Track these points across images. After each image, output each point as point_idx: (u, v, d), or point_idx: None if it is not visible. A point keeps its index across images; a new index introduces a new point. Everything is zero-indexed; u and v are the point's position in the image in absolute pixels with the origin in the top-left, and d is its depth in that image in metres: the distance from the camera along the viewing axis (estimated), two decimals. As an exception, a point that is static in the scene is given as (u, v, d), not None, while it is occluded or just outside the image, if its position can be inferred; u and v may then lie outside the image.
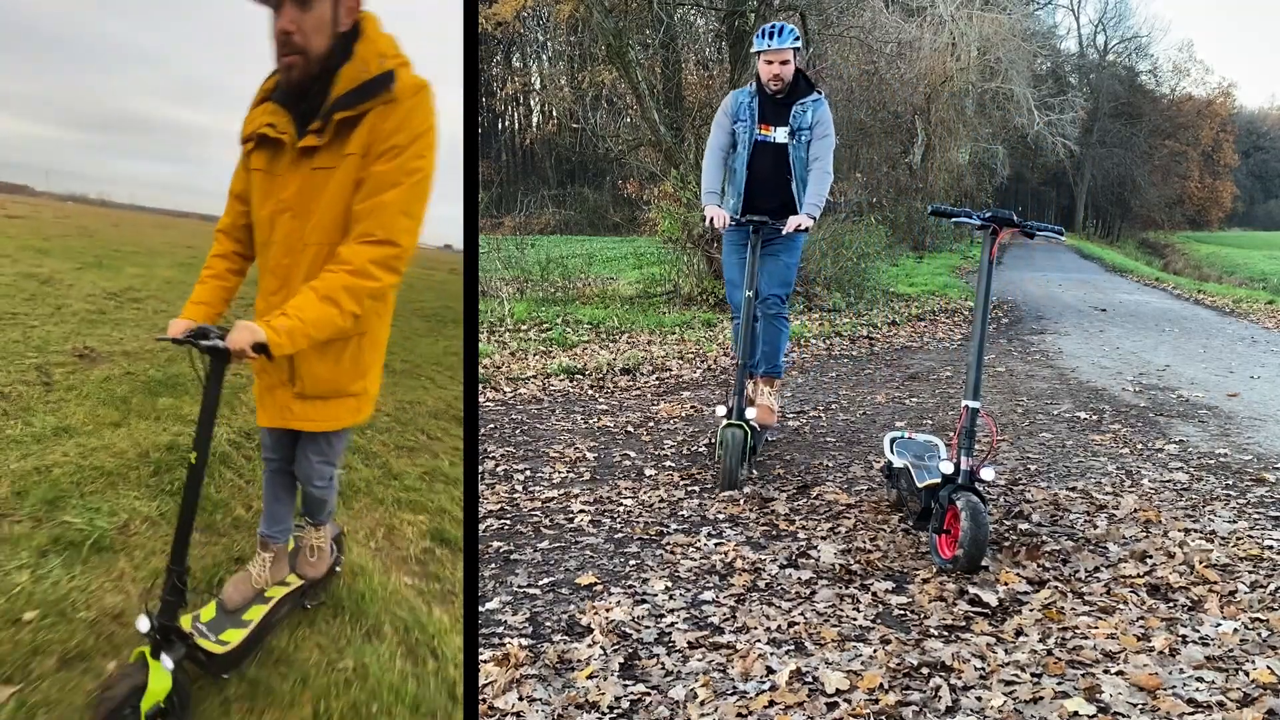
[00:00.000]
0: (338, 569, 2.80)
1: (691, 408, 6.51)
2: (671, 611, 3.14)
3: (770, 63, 4.75)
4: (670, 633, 2.98)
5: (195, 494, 1.96)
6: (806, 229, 4.68)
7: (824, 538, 3.84)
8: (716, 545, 3.75)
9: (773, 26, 4.79)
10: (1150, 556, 3.57)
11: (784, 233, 4.65)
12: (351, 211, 1.78)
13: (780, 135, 4.82)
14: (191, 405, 4.92)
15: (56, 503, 3.22)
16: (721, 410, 4.58)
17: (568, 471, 4.93)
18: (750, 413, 4.45)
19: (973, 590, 3.23)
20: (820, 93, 4.90)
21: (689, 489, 4.55)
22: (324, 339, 1.78)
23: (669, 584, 3.36)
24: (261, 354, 1.70)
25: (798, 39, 4.78)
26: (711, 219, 4.71)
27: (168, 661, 1.88)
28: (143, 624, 1.94)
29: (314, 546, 2.46)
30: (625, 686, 2.64)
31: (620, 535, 3.92)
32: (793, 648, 2.87)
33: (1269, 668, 2.64)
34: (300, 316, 1.69)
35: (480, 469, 4.96)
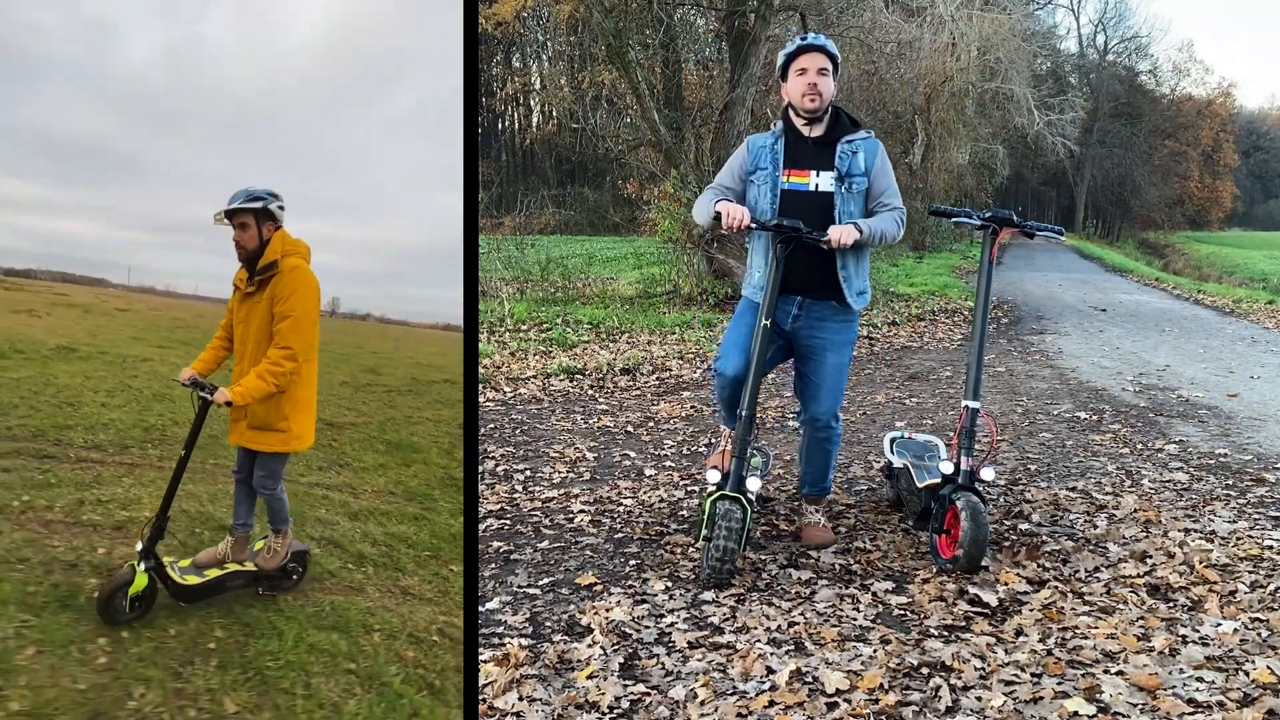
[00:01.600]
0: (295, 577, 3.55)
1: (691, 408, 6.51)
2: (671, 611, 3.14)
3: (804, 71, 3.52)
4: (670, 633, 2.98)
5: (179, 475, 3.16)
6: (856, 244, 3.47)
7: (824, 538, 3.84)
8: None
9: (802, 35, 3.65)
10: (1150, 556, 3.57)
11: (830, 244, 3.44)
12: (272, 330, 3.15)
13: (824, 181, 3.57)
14: (421, 456, 6.83)
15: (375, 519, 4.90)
16: (714, 475, 3.41)
17: (568, 471, 4.93)
18: (753, 484, 3.38)
19: (973, 590, 3.23)
20: (869, 132, 3.72)
21: (689, 489, 4.55)
22: (260, 397, 3.08)
23: (669, 584, 3.36)
24: (228, 405, 3.04)
25: (836, 54, 3.57)
26: (725, 216, 3.45)
27: (142, 566, 3.05)
28: (139, 546, 3.08)
29: (271, 547, 3.43)
30: (625, 686, 2.64)
31: (620, 535, 3.92)
32: (793, 648, 2.87)
33: (1269, 668, 2.64)
34: (246, 385, 3.04)
35: (480, 469, 4.96)
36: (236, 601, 3.37)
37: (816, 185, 3.59)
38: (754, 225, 3.49)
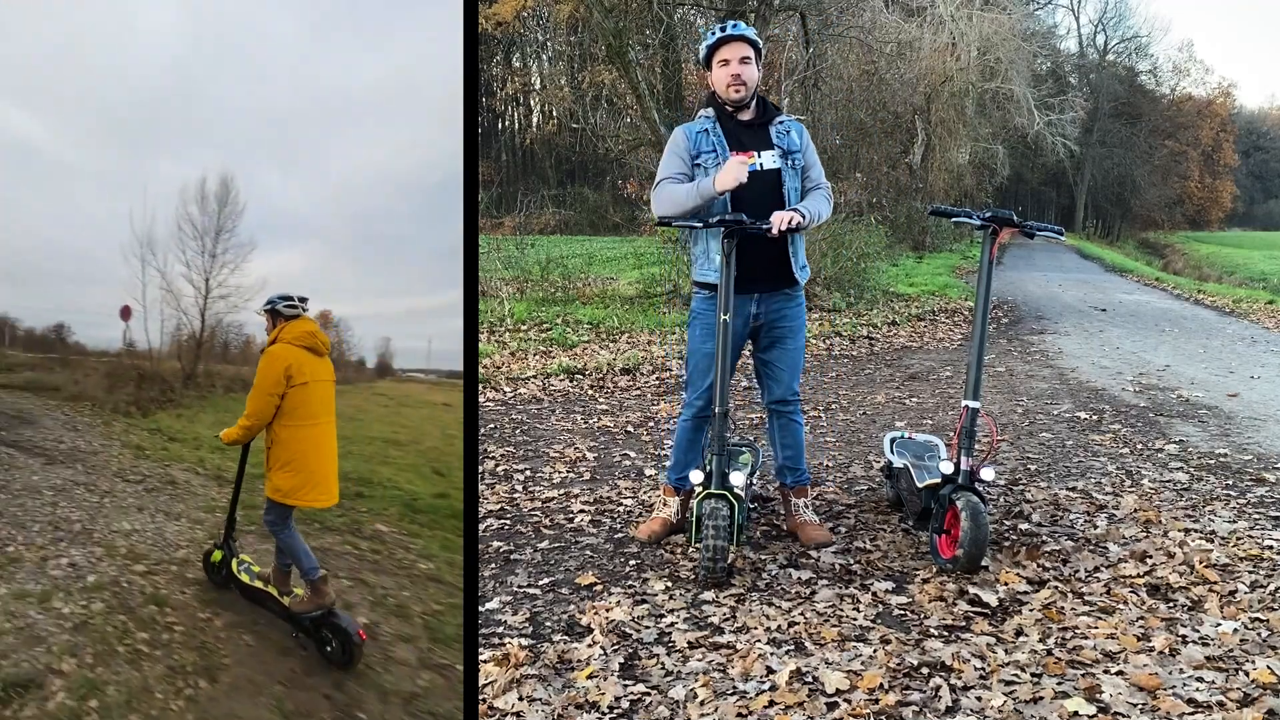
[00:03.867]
0: (329, 648, 3.22)
1: (691, 408, 6.51)
2: (671, 611, 3.14)
3: (726, 62, 3.63)
4: (670, 633, 2.98)
5: (238, 488, 3.93)
6: (799, 227, 3.53)
7: (824, 538, 3.83)
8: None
9: (721, 24, 3.77)
10: (1150, 556, 3.57)
11: (772, 232, 3.49)
12: None
13: (769, 159, 3.66)
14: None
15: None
16: (697, 476, 3.47)
17: (568, 471, 4.93)
18: (736, 479, 3.42)
19: (973, 590, 3.23)
20: (789, 116, 3.91)
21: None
22: (230, 442, 3.53)
23: (669, 584, 3.36)
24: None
25: (758, 40, 3.71)
26: (733, 180, 3.44)
27: (215, 544, 3.95)
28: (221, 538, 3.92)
29: (303, 594, 3.40)
30: (625, 686, 2.64)
31: (620, 535, 3.92)
32: (793, 648, 2.87)
33: (1269, 668, 2.64)
34: (229, 430, 3.51)
35: (480, 469, 4.96)
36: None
37: (762, 164, 3.65)
38: (699, 224, 3.55)
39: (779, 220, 3.49)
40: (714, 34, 3.69)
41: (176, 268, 14.08)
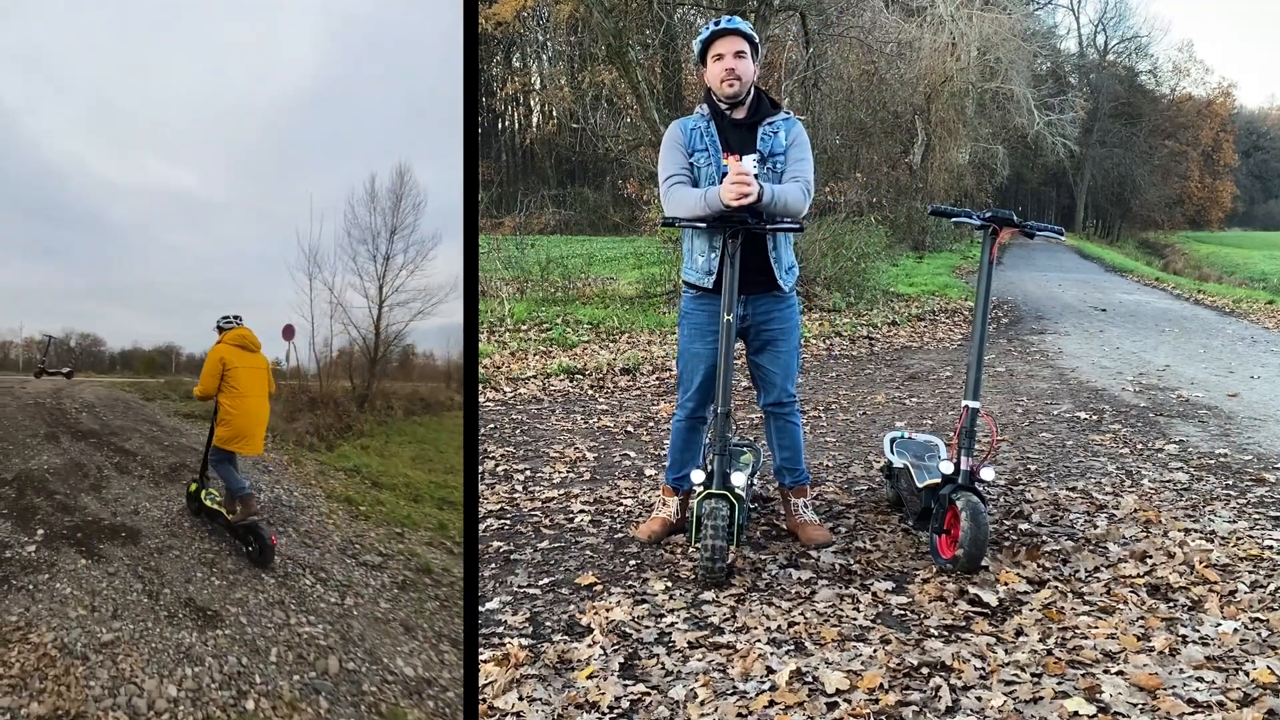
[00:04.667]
0: (249, 549, 4.34)
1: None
2: (671, 611, 3.13)
3: (721, 56, 3.54)
4: (670, 633, 2.98)
5: (210, 439, 4.81)
6: (754, 204, 3.37)
7: (824, 538, 3.83)
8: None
9: (716, 20, 3.66)
10: (1150, 556, 3.57)
11: (723, 200, 3.38)
12: None
13: (748, 164, 3.51)
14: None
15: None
16: (697, 475, 3.45)
17: (568, 471, 4.93)
18: (737, 479, 3.41)
19: (973, 590, 3.23)
20: (789, 113, 3.78)
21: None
22: (196, 396, 4.87)
23: (669, 584, 3.36)
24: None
25: (753, 35, 3.62)
26: (730, 193, 3.33)
27: (194, 479, 5.14)
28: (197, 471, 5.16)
29: (239, 509, 4.72)
30: (625, 686, 2.64)
31: (620, 535, 3.92)
32: (793, 648, 2.87)
33: (1269, 668, 2.64)
34: (194, 386, 4.84)
35: (480, 469, 4.96)
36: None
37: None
38: (702, 224, 3.49)
39: (728, 189, 3.34)
40: (708, 28, 3.63)
41: (346, 278, 11.82)
